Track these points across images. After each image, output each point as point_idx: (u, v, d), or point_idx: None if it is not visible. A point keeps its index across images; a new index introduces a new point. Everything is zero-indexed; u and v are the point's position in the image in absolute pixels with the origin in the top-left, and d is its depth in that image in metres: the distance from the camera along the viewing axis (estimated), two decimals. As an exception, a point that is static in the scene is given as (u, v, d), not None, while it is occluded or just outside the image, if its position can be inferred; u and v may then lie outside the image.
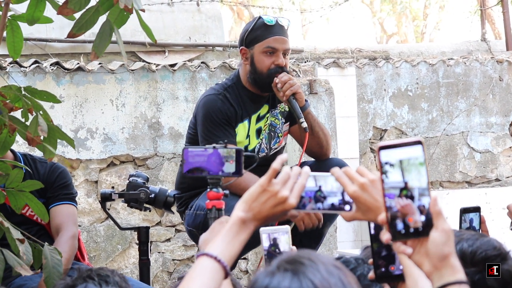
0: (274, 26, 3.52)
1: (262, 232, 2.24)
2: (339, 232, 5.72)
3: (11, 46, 2.43)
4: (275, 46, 3.50)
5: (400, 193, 1.49)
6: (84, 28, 2.18)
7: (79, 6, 2.16)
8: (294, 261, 1.38)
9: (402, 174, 1.49)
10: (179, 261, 5.47)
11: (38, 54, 5.76)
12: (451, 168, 6.77)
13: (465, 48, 7.24)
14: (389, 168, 1.50)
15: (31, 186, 2.56)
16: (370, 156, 6.62)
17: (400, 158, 1.49)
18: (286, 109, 3.63)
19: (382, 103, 6.63)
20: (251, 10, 15.35)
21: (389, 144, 1.51)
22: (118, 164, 5.40)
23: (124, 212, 5.36)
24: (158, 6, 6.17)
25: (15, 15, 2.37)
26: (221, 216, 2.44)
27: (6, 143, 2.43)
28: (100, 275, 2.19)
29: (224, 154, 2.45)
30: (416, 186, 1.49)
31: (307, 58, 6.55)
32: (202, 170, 2.45)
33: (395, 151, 1.50)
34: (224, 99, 3.55)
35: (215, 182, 2.47)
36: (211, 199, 2.47)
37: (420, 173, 1.49)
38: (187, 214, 3.60)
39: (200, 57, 6.20)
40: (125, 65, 5.43)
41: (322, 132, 3.56)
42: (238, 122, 3.56)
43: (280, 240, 2.23)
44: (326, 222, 3.64)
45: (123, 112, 5.39)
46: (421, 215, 1.48)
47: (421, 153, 1.49)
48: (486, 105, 6.87)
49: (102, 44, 2.17)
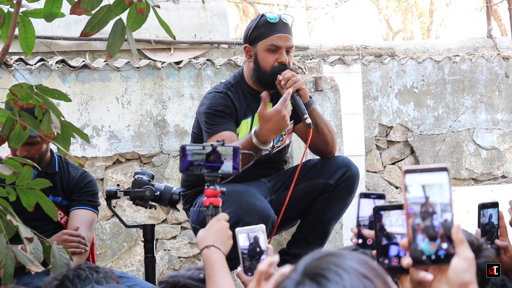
0: (277, 24, 3.50)
1: (238, 232, 2.29)
2: (345, 229, 5.72)
3: (23, 42, 2.45)
4: (278, 44, 3.49)
5: (421, 208, 1.48)
6: (97, 27, 2.19)
7: (91, 5, 2.17)
8: (318, 274, 1.28)
9: (423, 190, 1.49)
10: (185, 259, 5.48)
11: (43, 52, 5.77)
12: (457, 165, 6.76)
13: (471, 45, 7.22)
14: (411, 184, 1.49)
15: (40, 184, 2.57)
16: (376, 153, 6.61)
17: (424, 183, 1.49)
18: (291, 107, 3.62)
19: (388, 100, 6.62)
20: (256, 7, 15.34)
21: (415, 169, 1.49)
22: (123, 162, 5.41)
23: (130, 209, 5.37)
24: (164, 3, 6.17)
25: (27, 11, 2.38)
26: (218, 213, 2.46)
27: (21, 136, 2.46)
28: (90, 267, 2.22)
29: (222, 152, 2.46)
30: (438, 201, 1.48)
31: (313, 55, 6.54)
32: (199, 167, 2.46)
33: (420, 175, 1.49)
34: (226, 97, 3.55)
35: (213, 180, 2.48)
36: (208, 196, 2.48)
37: (443, 190, 1.48)
38: (191, 211, 3.61)
39: (206, 54, 6.20)
40: (131, 63, 5.44)
41: (328, 129, 3.54)
42: (241, 119, 3.55)
43: (260, 238, 2.28)
44: (332, 219, 3.63)
45: (128, 109, 5.40)
46: (442, 242, 1.47)
47: (447, 180, 1.49)
48: (492, 101, 6.86)
49: (115, 44, 2.17)
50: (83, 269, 2.21)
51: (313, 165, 3.62)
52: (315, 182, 3.57)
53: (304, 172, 3.59)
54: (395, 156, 6.69)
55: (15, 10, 2.26)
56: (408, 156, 6.72)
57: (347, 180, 3.55)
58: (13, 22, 2.26)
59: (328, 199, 3.57)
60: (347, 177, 3.55)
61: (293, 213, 3.58)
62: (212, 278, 2.18)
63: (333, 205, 3.58)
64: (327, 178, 3.56)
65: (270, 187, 3.58)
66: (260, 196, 3.42)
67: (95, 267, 2.24)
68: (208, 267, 2.22)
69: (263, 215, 3.25)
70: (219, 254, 2.26)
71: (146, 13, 2.12)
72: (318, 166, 3.60)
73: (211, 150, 2.46)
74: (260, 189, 3.52)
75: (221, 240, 2.32)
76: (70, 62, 5.39)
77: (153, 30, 6.03)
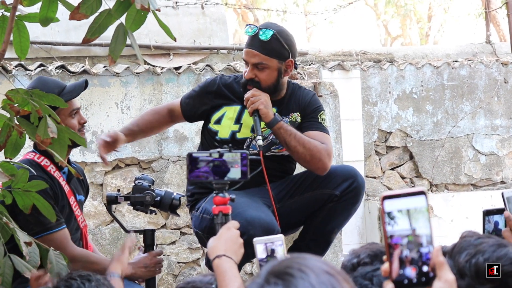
0: (250, 38, 3.49)
1: (256, 242, 2.23)
2: (344, 234, 5.72)
3: (17, 46, 2.44)
4: (245, 58, 3.51)
5: (408, 240, 1.49)
6: (98, 32, 2.19)
7: (90, 10, 2.16)
8: (283, 272, 1.33)
9: (409, 222, 1.50)
10: (184, 264, 5.47)
11: (43, 57, 5.78)
12: (456, 171, 6.76)
13: (470, 50, 7.24)
14: (397, 214, 1.50)
15: (37, 186, 2.56)
16: (375, 158, 6.62)
17: (403, 208, 1.50)
18: (298, 119, 3.59)
19: (387, 106, 6.63)
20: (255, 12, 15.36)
21: (393, 194, 1.51)
22: (123, 167, 5.41)
23: (130, 215, 5.37)
24: (163, 9, 6.18)
25: (21, 15, 2.37)
26: (228, 221, 2.42)
27: (17, 145, 2.45)
28: (82, 276, 2.18)
29: (229, 159, 2.44)
30: (423, 233, 1.49)
31: (312, 61, 6.55)
32: (207, 175, 2.44)
33: (399, 201, 1.51)
34: (222, 79, 3.66)
35: (221, 187, 2.46)
36: (217, 204, 2.44)
37: (426, 221, 1.49)
38: (194, 215, 3.60)
39: (205, 60, 6.21)
40: (130, 68, 5.44)
41: (303, 146, 3.43)
42: (228, 102, 3.58)
43: (277, 251, 2.23)
44: (335, 229, 3.62)
45: (128, 115, 5.40)
46: (424, 265, 1.48)
47: (425, 203, 1.50)
48: (491, 107, 6.87)
49: (118, 48, 2.17)
50: (74, 278, 2.15)
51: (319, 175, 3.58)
52: (321, 191, 3.55)
53: (310, 181, 3.57)
54: (394, 162, 6.70)
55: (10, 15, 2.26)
56: (407, 162, 6.73)
57: (353, 191, 3.52)
58: (9, 27, 2.26)
59: (332, 209, 3.54)
60: (353, 188, 3.52)
61: (296, 221, 3.57)
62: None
63: (337, 215, 3.56)
64: (333, 188, 3.52)
65: (274, 195, 3.55)
66: (264, 208, 3.41)
67: (87, 275, 2.19)
68: (220, 277, 2.18)
69: (267, 228, 3.23)
70: (230, 264, 2.22)
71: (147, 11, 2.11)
72: (324, 175, 3.57)
73: (218, 157, 2.44)
74: (264, 198, 3.50)
75: (232, 249, 2.27)
76: (69, 67, 5.39)
77: (153, 35, 6.04)
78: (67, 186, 3.22)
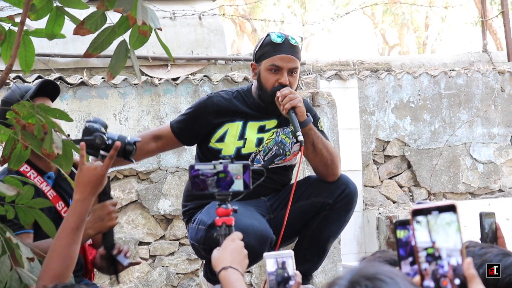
0: (281, 44, 3.51)
1: (267, 257, 2.23)
2: (343, 244, 5.72)
3: (22, 60, 2.46)
4: (279, 65, 3.50)
5: (427, 253, 1.50)
6: (99, 48, 2.20)
7: (95, 26, 2.18)
8: (373, 277, 1.35)
9: (429, 234, 1.50)
10: (183, 275, 5.47)
11: (41, 69, 5.79)
12: (454, 179, 6.77)
13: (467, 59, 7.26)
14: (416, 227, 1.51)
15: (41, 203, 2.56)
16: (373, 168, 6.63)
17: (423, 220, 1.50)
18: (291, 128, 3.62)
19: (385, 115, 6.64)
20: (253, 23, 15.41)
21: (422, 208, 1.50)
22: (121, 178, 5.42)
23: (128, 226, 5.37)
24: (161, 20, 6.15)
25: (28, 31, 2.40)
26: (231, 232, 2.43)
27: (21, 157, 2.45)
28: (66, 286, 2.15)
29: (233, 171, 2.45)
30: (444, 246, 1.49)
31: (309, 71, 6.57)
32: (210, 186, 2.45)
33: (426, 214, 1.50)
34: (218, 96, 3.61)
35: (224, 198, 2.47)
36: (220, 215, 2.44)
37: (451, 233, 1.49)
38: (190, 227, 3.60)
39: (203, 70, 6.23)
40: (128, 79, 5.46)
41: (327, 150, 3.50)
42: (229, 119, 3.57)
43: (288, 264, 2.23)
44: (330, 237, 3.63)
45: (126, 126, 5.41)
46: (455, 278, 1.48)
47: (452, 216, 1.49)
48: (488, 116, 6.88)
49: (118, 65, 2.18)
50: None
51: (312, 183, 3.61)
52: (314, 200, 3.56)
53: (303, 190, 3.58)
54: (392, 171, 6.71)
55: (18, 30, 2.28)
56: (405, 171, 6.74)
57: (345, 198, 3.54)
58: (16, 41, 2.28)
59: (326, 217, 3.56)
60: (345, 195, 3.54)
61: (291, 231, 3.57)
62: None
63: (331, 223, 3.57)
64: (325, 196, 3.54)
65: (269, 206, 3.57)
66: (259, 216, 3.42)
67: (71, 285, 2.18)
68: None
69: (261, 236, 3.24)
70: (237, 275, 2.22)
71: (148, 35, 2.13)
72: (316, 183, 3.59)
73: (222, 169, 2.45)
74: (259, 208, 3.51)
75: (238, 261, 2.27)
76: (67, 79, 5.40)
77: (150, 47, 6.05)
78: (52, 191, 3.16)
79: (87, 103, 5.34)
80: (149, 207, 5.42)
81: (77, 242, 2.42)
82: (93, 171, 2.51)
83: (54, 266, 2.35)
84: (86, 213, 2.48)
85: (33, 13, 2.28)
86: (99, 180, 2.51)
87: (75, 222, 2.42)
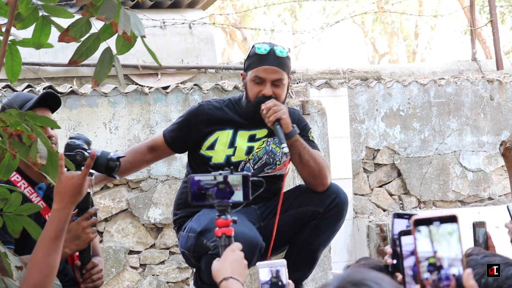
0: (265, 56, 3.51)
1: (260, 266, 2.24)
2: (333, 252, 5.73)
3: (9, 70, 2.45)
4: (263, 76, 3.50)
5: (429, 263, 1.50)
6: (85, 55, 2.20)
7: (80, 33, 2.18)
8: (359, 282, 1.37)
9: (431, 244, 1.51)
10: (173, 284, 5.46)
11: (31, 78, 5.78)
12: (443, 188, 6.79)
13: (456, 68, 7.29)
14: (418, 236, 1.51)
15: (29, 210, 2.54)
16: (363, 176, 6.64)
17: (424, 231, 1.51)
18: None
19: (375, 123, 6.66)
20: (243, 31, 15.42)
21: (425, 218, 1.51)
22: (111, 187, 5.41)
23: (118, 235, 5.36)
24: (151, 29, 6.20)
25: (15, 41, 2.39)
26: (231, 243, 2.43)
27: (10, 167, 2.44)
28: None
29: (233, 181, 2.45)
30: (445, 256, 1.50)
31: (299, 79, 6.58)
32: (210, 197, 2.45)
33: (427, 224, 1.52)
34: (209, 104, 3.62)
35: (223, 209, 2.47)
36: (220, 226, 2.45)
37: (452, 243, 1.50)
38: (180, 235, 3.60)
39: (193, 79, 6.23)
40: (118, 88, 5.45)
41: (314, 161, 3.50)
42: (220, 127, 3.58)
43: (282, 273, 2.24)
44: (320, 246, 3.63)
45: (116, 135, 5.41)
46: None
47: (453, 226, 1.51)
48: (477, 124, 6.91)
49: (103, 72, 2.18)
50: None
51: (302, 192, 3.61)
52: (304, 209, 3.57)
53: (293, 199, 3.59)
54: (382, 179, 6.72)
55: (4, 39, 2.27)
56: (395, 179, 6.75)
57: (336, 207, 3.54)
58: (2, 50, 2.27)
59: (316, 226, 3.56)
60: (335, 204, 3.54)
61: (282, 239, 3.58)
62: None
63: (321, 232, 3.58)
64: (316, 205, 3.55)
65: (259, 214, 3.58)
66: (248, 223, 3.42)
67: None
68: None
69: (251, 243, 3.24)
70: (238, 285, 2.23)
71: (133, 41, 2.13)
72: (306, 192, 3.59)
73: (222, 180, 2.45)
74: (250, 216, 3.51)
75: (238, 271, 2.28)
76: (57, 88, 5.39)
77: (140, 55, 6.06)
78: (43, 202, 3.13)
79: (77, 112, 5.33)
80: (139, 215, 5.42)
81: (57, 252, 2.43)
82: (71, 180, 2.54)
83: (34, 276, 2.36)
84: (66, 222, 2.49)
85: (19, 22, 2.27)
86: (77, 189, 2.54)
87: (54, 231, 2.43)
